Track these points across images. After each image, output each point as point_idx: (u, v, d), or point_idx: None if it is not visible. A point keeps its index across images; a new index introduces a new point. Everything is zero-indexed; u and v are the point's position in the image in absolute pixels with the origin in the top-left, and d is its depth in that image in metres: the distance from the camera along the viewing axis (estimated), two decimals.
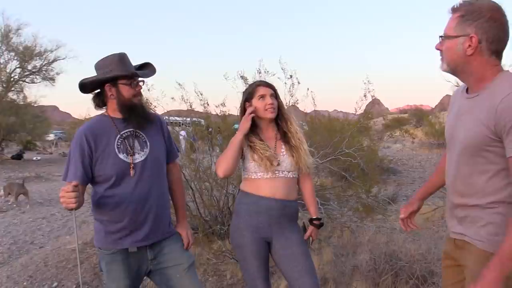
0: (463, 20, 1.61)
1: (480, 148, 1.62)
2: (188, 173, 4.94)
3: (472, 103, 1.67)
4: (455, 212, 1.80)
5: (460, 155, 1.71)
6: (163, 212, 2.27)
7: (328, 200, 5.40)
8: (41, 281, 4.32)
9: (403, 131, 8.46)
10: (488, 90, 1.61)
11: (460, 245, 1.78)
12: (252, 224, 2.31)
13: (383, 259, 3.34)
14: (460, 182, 1.73)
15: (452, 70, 1.72)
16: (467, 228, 1.73)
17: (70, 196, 1.83)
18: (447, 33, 1.67)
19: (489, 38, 1.58)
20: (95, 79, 2.15)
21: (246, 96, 2.42)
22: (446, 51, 1.68)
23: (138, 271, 2.22)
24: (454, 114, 1.81)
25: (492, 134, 1.56)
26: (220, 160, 2.31)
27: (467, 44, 1.60)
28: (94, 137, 2.13)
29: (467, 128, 1.66)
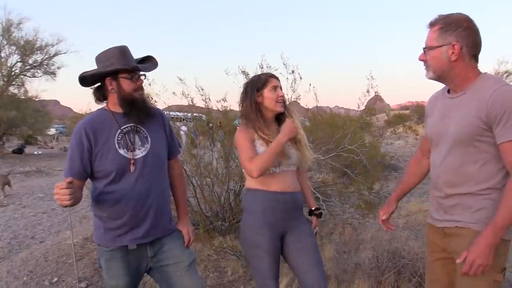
0: (443, 31, 1.81)
1: (472, 139, 1.77)
2: (189, 169, 4.92)
3: (459, 101, 1.85)
4: (443, 202, 1.92)
5: (452, 147, 1.85)
6: (164, 208, 2.24)
7: (329, 197, 5.38)
8: (41, 276, 4.30)
9: (406, 127, 8.44)
10: (473, 88, 1.81)
11: (449, 233, 1.89)
12: (269, 221, 2.28)
13: (386, 257, 3.31)
14: (452, 173, 1.86)
15: (438, 76, 1.89)
16: (459, 215, 1.85)
17: (64, 193, 1.78)
18: (430, 44, 1.85)
19: (468, 44, 1.79)
20: (95, 72, 2.11)
21: (258, 86, 2.35)
22: (431, 60, 1.86)
23: (138, 268, 2.19)
24: (438, 114, 1.97)
25: (484, 124, 1.73)
26: (260, 161, 2.18)
27: (450, 51, 1.80)
28: (94, 131, 2.09)
29: (457, 122, 1.82)
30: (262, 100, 2.34)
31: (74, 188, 1.83)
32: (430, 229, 2.07)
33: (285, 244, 2.34)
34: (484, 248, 1.67)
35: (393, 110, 42.01)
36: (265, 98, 2.33)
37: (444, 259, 1.98)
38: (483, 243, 1.68)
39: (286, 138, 2.22)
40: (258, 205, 2.30)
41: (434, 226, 2.00)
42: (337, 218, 5.15)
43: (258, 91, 2.34)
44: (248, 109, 2.35)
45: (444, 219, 1.92)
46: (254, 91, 2.34)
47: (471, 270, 1.70)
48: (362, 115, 5.37)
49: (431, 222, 2.05)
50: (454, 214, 1.87)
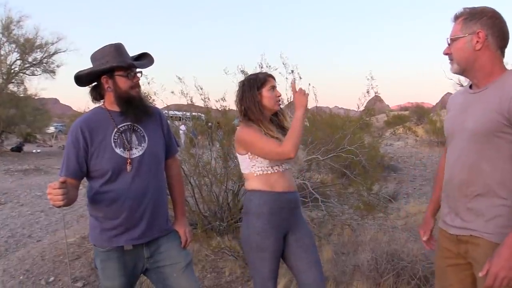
0: (468, 20, 1.75)
1: (490, 134, 1.68)
2: (188, 168, 4.90)
3: (480, 96, 1.76)
4: (454, 204, 1.83)
5: (468, 144, 1.76)
6: (161, 209, 2.21)
7: (328, 197, 5.35)
8: (38, 275, 4.28)
9: (406, 128, 8.41)
10: (497, 83, 1.71)
11: (465, 240, 1.79)
12: (276, 223, 2.25)
13: (385, 259, 3.28)
14: (467, 171, 1.77)
15: (463, 69, 1.81)
16: (472, 222, 1.75)
17: (58, 193, 1.74)
18: (455, 35, 1.79)
19: (494, 32, 1.71)
20: (91, 71, 2.08)
21: (257, 85, 2.32)
22: (456, 52, 1.79)
23: (134, 269, 2.16)
24: (457, 109, 1.90)
25: (505, 120, 1.64)
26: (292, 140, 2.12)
27: (475, 40, 1.72)
28: (90, 130, 2.06)
29: (476, 116, 1.73)
30: (261, 99, 2.32)
31: (67, 188, 1.79)
32: (441, 234, 1.97)
33: (286, 244, 2.32)
34: (506, 259, 1.55)
35: (392, 111, 42.01)
36: (263, 97, 2.31)
37: (457, 265, 1.88)
38: (505, 254, 1.56)
39: (303, 110, 2.20)
40: (265, 207, 2.25)
41: (447, 232, 1.91)
42: (336, 219, 5.12)
43: (258, 90, 2.32)
44: (251, 107, 2.31)
45: (456, 225, 1.83)
46: (255, 89, 2.32)
47: (495, 283, 1.58)
48: (362, 116, 5.35)
49: (442, 227, 1.95)
50: (467, 220, 1.78)
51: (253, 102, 2.31)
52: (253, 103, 2.31)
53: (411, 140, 16.53)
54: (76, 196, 2.00)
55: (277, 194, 2.25)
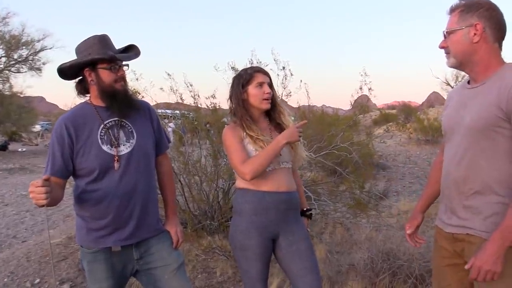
0: (465, 13, 1.70)
1: (488, 129, 1.65)
2: (177, 167, 4.83)
3: (478, 91, 1.73)
4: (451, 202, 1.80)
5: (465, 139, 1.73)
6: (150, 208, 2.11)
7: (320, 195, 5.31)
8: (23, 277, 4.17)
9: (400, 125, 8.39)
10: (495, 77, 1.68)
11: (461, 239, 1.78)
12: (259, 224, 2.16)
13: (380, 258, 3.24)
14: (464, 168, 1.73)
15: (460, 62, 1.77)
16: (469, 220, 1.73)
17: (40, 192, 1.63)
18: (451, 28, 1.75)
19: (491, 24, 1.68)
20: (73, 63, 1.98)
21: (243, 82, 2.23)
22: (452, 45, 1.75)
23: (123, 271, 2.07)
24: (454, 105, 1.87)
25: (502, 114, 1.61)
26: (254, 164, 2.08)
27: (472, 32, 1.68)
28: (75, 127, 1.96)
29: (474, 111, 1.70)
30: (248, 97, 2.22)
31: (51, 187, 1.69)
32: (438, 233, 1.95)
33: (278, 248, 2.23)
34: (491, 254, 1.58)
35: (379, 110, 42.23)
36: (250, 95, 2.22)
37: (455, 265, 1.85)
38: (490, 249, 1.58)
39: (284, 142, 2.10)
40: (247, 206, 2.18)
41: (443, 230, 1.88)
42: (328, 217, 5.08)
43: (243, 88, 2.22)
44: (235, 106, 2.24)
45: (453, 223, 1.81)
46: (240, 88, 2.23)
47: (478, 277, 1.61)
48: (355, 112, 5.31)
49: (439, 225, 1.93)
50: (463, 218, 1.76)
51: (237, 101, 2.23)
52: (237, 101, 2.23)
53: (403, 137, 16.67)
54: (62, 196, 1.91)
55: (262, 194, 2.16)
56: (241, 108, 2.22)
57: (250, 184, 2.17)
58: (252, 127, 2.18)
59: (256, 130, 2.18)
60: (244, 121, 2.19)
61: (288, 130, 2.14)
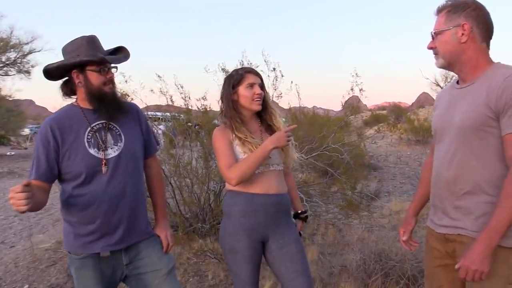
0: (452, 13, 1.71)
1: (477, 129, 1.65)
2: (168, 169, 4.78)
3: (467, 91, 1.73)
4: (445, 203, 1.79)
5: (455, 139, 1.73)
6: (140, 212, 2.07)
7: (312, 197, 5.30)
8: (11, 283, 4.11)
9: (391, 125, 8.43)
10: (483, 77, 1.68)
11: (452, 239, 1.77)
12: (248, 226, 2.14)
13: (373, 259, 3.22)
14: (455, 168, 1.73)
15: (448, 63, 1.77)
16: (460, 220, 1.73)
17: (20, 197, 1.57)
18: (439, 28, 1.75)
19: (479, 24, 1.69)
20: (60, 64, 1.94)
21: (233, 83, 2.21)
22: (440, 45, 1.75)
23: (112, 276, 2.02)
24: (444, 105, 1.86)
25: (491, 113, 1.61)
26: (240, 170, 2.07)
27: (460, 33, 1.69)
28: (61, 129, 1.91)
29: (463, 111, 1.70)
30: (238, 98, 2.20)
31: (32, 192, 1.63)
32: (429, 234, 1.95)
33: (268, 250, 2.20)
34: (479, 253, 1.58)
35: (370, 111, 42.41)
36: (240, 96, 2.19)
37: (447, 266, 1.84)
38: (477, 249, 1.59)
39: (271, 146, 2.07)
40: (236, 208, 2.16)
41: (434, 231, 1.88)
42: (320, 218, 5.06)
43: (234, 88, 2.20)
44: (225, 107, 2.22)
45: (444, 224, 1.80)
46: (230, 89, 2.21)
47: (467, 276, 1.62)
48: (346, 113, 5.30)
49: (430, 226, 1.92)
50: (454, 219, 1.75)
51: (227, 102, 2.21)
52: (227, 102, 2.21)
53: (394, 138, 16.75)
54: (46, 200, 1.86)
55: (251, 196, 2.13)
56: (231, 109, 2.20)
57: (240, 186, 2.14)
58: (241, 129, 2.16)
59: (245, 132, 2.16)
60: (234, 122, 2.17)
61: (276, 134, 2.12)
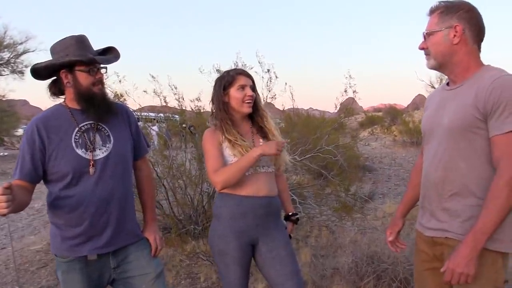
0: (444, 14, 1.71)
1: (465, 130, 1.65)
2: (161, 170, 4.74)
3: (456, 92, 1.74)
4: (433, 205, 1.78)
5: (443, 140, 1.72)
6: (128, 215, 2.04)
7: (305, 199, 5.28)
8: (1, 285, 4.08)
9: (385, 128, 8.42)
10: (474, 79, 1.69)
11: (440, 242, 1.77)
12: (237, 228, 2.12)
13: (365, 261, 3.21)
14: (441, 169, 1.73)
15: (439, 64, 1.77)
16: (447, 223, 1.72)
17: (1, 200, 1.55)
18: (431, 29, 1.75)
19: (471, 26, 1.69)
20: (48, 64, 1.90)
21: (224, 84, 2.19)
22: (432, 46, 1.75)
23: (99, 280, 1.98)
24: (433, 107, 1.86)
25: (480, 114, 1.61)
26: (226, 174, 2.06)
27: (452, 34, 1.69)
28: (48, 129, 1.88)
29: (452, 112, 1.70)
30: (229, 100, 2.19)
31: (13, 194, 1.60)
32: (418, 237, 1.94)
33: (258, 253, 2.18)
34: (464, 256, 1.57)
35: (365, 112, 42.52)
36: (231, 98, 2.18)
37: (435, 269, 1.83)
38: (463, 251, 1.58)
39: (259, 153, 2.05)
40: (225, 210, 2.14)
41: (423, 234, 1.87)
42: (314, 220, 5.04)
43: (225, 90, 2.18)
44: (216, 109, 2.20)
45: (432, 226, 1.80)
46: (221, 90, 2.19)
47: (452, 279, 1.61)
48: (340, 115, 5.29)
49: (419, 229, 1.92)
50: (442, 221, 1.75)
51: (218, 104, 2.19)
52: (217, 104, 2.20)
53: (389, 140, 16.77)
54: (28, 201, 1.83)
55: (240, 198, 2.12)
56: (221, 111, 2.18)
57: (229, 189, 2.13)
58: (231, 131, 2.14)
59: (235, 134, 2.14)
60: (224, 124, 2.15)
61: (268, 143, 2.10)
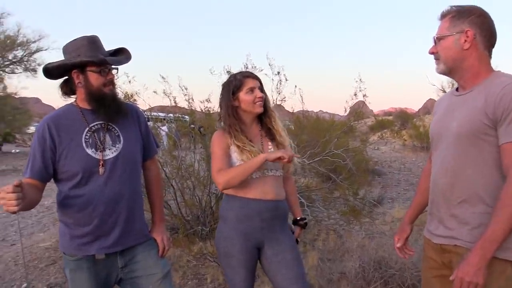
0: (456, 19, 1.69)
1: (474, 136, 1.63)
2: (169, 171, 4.76)
3: (466, 98, 1.71)
4: (441, 212, 1.76)
5: (452, 146, 1.70)
6: (136, 214, 2.06)
7: (313, 202, 5.26)
8: (10, 281, 4.10)
9: (394, 132, 8.33)
10: (483, 85, 1.66)
11: (448, 250, 1.74)
12: (242, 231, 2.12)
13: (372, 266, 3.19)
14: (451, 175, 1.71)
15: (449, 69, 1.75)
16: (456, 230, 1.70)
17: (11, 198, 1.57)
18: (442, 34, 1.73)
19: (482, 31, 1.67)
20: (60, 64, 1.93)
21: (233, 89, 2.19)
22: (442, 51, 1.73)
23: (107, 279, 2.00)
24: (442, 112, 1.84)
25: (489, 121, 1.59)
26: (228, 176, 2.06)
27: (463, 39, 1.67)
28: (58, 128, 1.90)
29: (461, 118, 1.68)
30: (239, 104, 2.19)
31: (23, 192, 1.62)
32: (426, 244, 1.92)
33: (264, 257, 2.19)
34: (473, 265, 1.54)
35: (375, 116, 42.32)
36: (241, 101, 2.18)
37: (443, 276, 1.80)
38: (472, 260, 1.55)
39: (263, 158, 2.04)
40: (232, 212, 2.15)
41: (431, 241, 1.85)
42: (322, 224, 5.02)
43: (234, 95, 2.19)
44: (224, 114, 2.21)
45: (440, 234, 1.78)
46: (230, 95, 2.19)
47: None
48: (350, 119, 5.26)
49: (427, 236, 1.90)
50: (450, 228, 1.72)
51: (226, 108, 2.20)
52: (226, 109, 2.20)
53: (398, 144, 16.65)
54: (39, 199, 1.85)
55: (247, 201, 2.12)
56: (230, 116, 2.18)
57: (236, 191, 2.14)
58: (239, 137, 2.14)
59: (244, 140, 2.14)
60: (233, 130, 2.15)
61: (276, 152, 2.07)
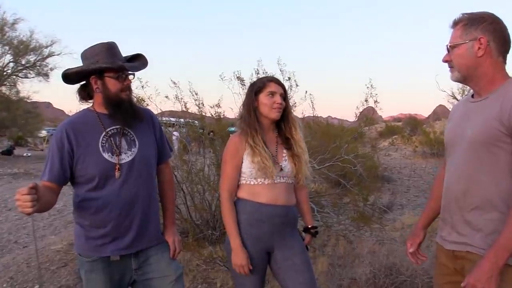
0: (468, 26, 1.68)
1: (489, 143, 1.62)
2: (180, 175, 4.79)
3: (481, 105, 1.70)
4: (454, 218, 1.75)
5: (466, 153, 1.70)
6: (151, 217, 2.09)
7: (323, 207, 5.26)
8: (22, 283, 4.14)
9: (405, 138, 8.29)
10: (499, 92, 1.65)
11: (461, 256, 1.73)
12: (253, 235, 2.14)
13: (383, 272, 3.17)
14: (464, 182, 1.70)
15: (464, 77, 1.74)
16: (469, 237, 1.69)
17: (26, 200, 1.59)
18: (455, 42, 1.72)
19: (495, 38, 1.65)
20: (79, 70, 1.97)
21: (255, 90, 2.22)
22: (456, 59, 1.72)
23: (121, 281, 2.03)
24: (457, 118, 1.84)
25: (504, 128, 1.58)
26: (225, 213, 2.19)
27: (476, 46, 1.66)
28: (76, 133, 1.95)
29: (476, 125, 1.67)
30: (258, 105, 2.21)
31: (39, 194, 1.64)
32: (439, 250, 1.91)
33: (274, 261, 2.20)
34: (485, 272, 1.53)
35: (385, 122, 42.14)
36: (260, 103, 2.21)
37: (456, 283, 1.78)
38: (484, 267, 1.54)
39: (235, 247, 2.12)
40: (243, 217, 2.16)
41: (443, 247, 1.84)
42: (331, 229, 5.01)
43: (255, 95, 2.22)
44: (245, 114, 2.23)
45: (453, 240, 1.77)
46: (252, 95, 2.22)
47: None
48: (360, 124, 5.27)
49: (439, 242, 1.89)
50: (463, 234, 1.72)
51: (248, 108, 2.22)
52: (247, 109, 2.23)
53: (409, 150, 16.57)
54: (54, 202, 1.88)
55: (258, 205, 2.14)
56: (251, 116, 2.20)
57: (248, 195, 2.16)
58: (255, 138, 2.15)
59: (259, 142, 2.15)
60: (251, 130, 2.17)
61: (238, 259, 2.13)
